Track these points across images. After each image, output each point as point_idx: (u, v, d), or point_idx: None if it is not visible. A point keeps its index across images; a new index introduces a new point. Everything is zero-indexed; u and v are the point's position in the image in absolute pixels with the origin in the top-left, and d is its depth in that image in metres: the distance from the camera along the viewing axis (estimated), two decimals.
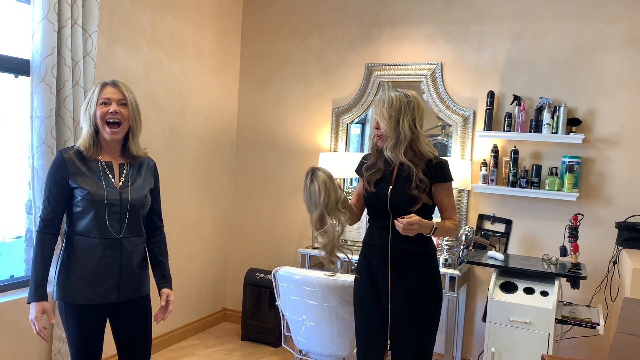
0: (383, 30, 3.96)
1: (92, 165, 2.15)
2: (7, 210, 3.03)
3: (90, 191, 2.10)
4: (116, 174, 2.19)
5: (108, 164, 2.18)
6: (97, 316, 2.18)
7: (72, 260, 2.13)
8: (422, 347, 2.35)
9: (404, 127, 2.25)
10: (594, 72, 3.39)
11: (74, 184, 2.11)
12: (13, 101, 2.95)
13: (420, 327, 2.33)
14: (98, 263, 2.13)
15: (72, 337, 2.17)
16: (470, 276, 3.71)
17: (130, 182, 2.21)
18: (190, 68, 3.96)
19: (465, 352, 3.73)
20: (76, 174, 2.11)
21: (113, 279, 2.16)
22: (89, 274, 2.13)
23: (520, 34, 3.57)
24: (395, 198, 2.31)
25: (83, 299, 2.13)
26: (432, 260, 2.39)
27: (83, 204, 2.11)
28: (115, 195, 2.15)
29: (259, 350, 3.97)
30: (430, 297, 2.36)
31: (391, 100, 2.26)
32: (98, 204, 2.11)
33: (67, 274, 2.13)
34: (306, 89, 4.24)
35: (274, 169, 4.37)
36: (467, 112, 3.68)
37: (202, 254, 4.24)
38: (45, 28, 2.67)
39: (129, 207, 2.18)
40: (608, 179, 3.37)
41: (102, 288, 2.14)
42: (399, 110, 2.25)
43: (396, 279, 2.33)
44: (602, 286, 3.30)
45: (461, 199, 3.70)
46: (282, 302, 2.88)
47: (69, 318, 2.15)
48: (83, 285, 2.12)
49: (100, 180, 2.14)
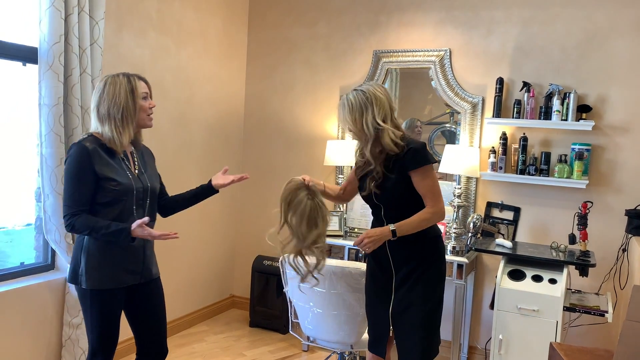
0: (391, 16, 3.92)
1: (112, 155, 2.17)
2: (17, 198, 3.05)
3: (120, 181, 2.13)
4: (131, 162, 2.24)
5: (124, 153, 2.22)
6: (119, 300, 2.22)
7: (98, 248, 2.15)
8: (423, 328, 2.34)
9: (367, 126, 2.23)
10: (605, 58, 3.35)
11: (102, 175, 2.10)
12: (21, 89, 2.96)
13: (420, 312, 2.33)
14: (125, 249, 2.17)
15: (95, 324, 2.18)
16: (478, 264, 3.71)
17: (143, 169, 2.28)
18: (197, 55, 3.95)
19: (472, 340, 3.74)
20: (102, 164, 2.12)
21: (138, 262, 2.23)
22: (117, 259, 2.17)
23: (530, 20, 3.52)
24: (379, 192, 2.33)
25: (111, 284, 2.16)
26: (432, 244, 2.38)
27: (113, 194, 2.12)
28: (138, 184, 2.20)
29: (267, 337, 4.00)
30: (431, 288, 2.35)
31: (350, 103, 2.25)
32: (128, 193, 2.15)
33: (94, 261, 2.14)
34: (313, 76, 4.22)
35: (281, 157, 4.37)
36: (476, 99, 3.65)
37: (210, 242, 4.26)
38: (52, 15, 2.66)
39: (149, 193, 2.25)
40: (618, 167, 3.34)
41: (128, 271, 2.20)
42: (360, 110, 2.23)
43: (397, 267, 2.37)
44: (611, 274, 3.28)
45: (469, 187, 3.68)
46: (289, 289, 2.89)
47: (94, 304, 2.17)
48: (111, 271, 2.16)
49: (124, 170, 2.18)
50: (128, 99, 2.14)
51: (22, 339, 2.83)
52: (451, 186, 3.61)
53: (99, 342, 2.21)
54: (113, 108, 2.12)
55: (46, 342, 2.96)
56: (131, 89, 2.15)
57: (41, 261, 3.07)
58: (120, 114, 2.13)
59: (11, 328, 2.78)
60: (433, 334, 2.38)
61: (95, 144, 2.12)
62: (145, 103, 2.20)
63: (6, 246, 3.01)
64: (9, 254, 3.00)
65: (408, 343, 2.34)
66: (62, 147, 2.76)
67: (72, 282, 2.19)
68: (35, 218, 3.07)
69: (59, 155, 2.75)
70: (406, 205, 2.31)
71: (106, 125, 2.13)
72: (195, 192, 2.46)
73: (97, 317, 2.17)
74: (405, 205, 2.31)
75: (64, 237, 2.81)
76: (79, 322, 2.95)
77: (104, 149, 2.14)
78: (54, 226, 2.80)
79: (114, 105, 2.12)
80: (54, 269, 3.08)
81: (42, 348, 2.93)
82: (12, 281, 2.85)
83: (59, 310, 3.00)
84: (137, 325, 2.35)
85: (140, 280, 2.25)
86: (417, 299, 2.33)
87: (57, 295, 2.99)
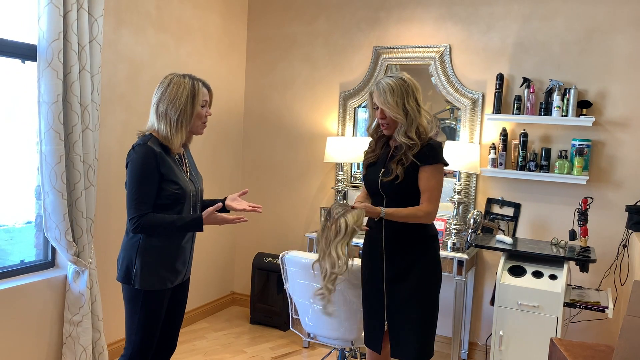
0: (391, 12, 3.91)
1: (171, 158, 2.19)
2: (17, 196, 3.05)
3: (181, 185, 2.16)
4: (184, 164, 2.27)
5: (180, 155, 2.26)
6: (166, 301, 2.26)
7: (153, 249, 2.17)
8: (419, 332, 2.36)
9: (412, 109, 2.29)
10: (605, 53, 3.34)
11: (167, 177, 2.12)
12: (21, 86, 2.95)
13: (415, 314, 2.35)
14: (178, 250, 2.23)
15: (142, 324, 2.19)
16: (479, 260, 3.71)
17: (193, 172, 2.32)
18: (197, 52, 3.94)
19: (473, 336, 3.74)
20: (166, 167, 2.14)
21: (185, 262, 2.30)
22: (170, 260, 2.21)
23: (530, 15, 3.51)
24: (385, 180, 2.35)
25: (162, 285, 2.19)
26: (429, 243, 2.40)
27: (174, 197, 2.14)
28: (191, 187, 2.24)
29: (267, 334, 4.01)
30: (425, 284, 2.37)
31: (391, 87, 2.29)
32: (187, 196, 2.19)
33: (149, 262, 2.17)
34: (313, 73, 4.21)
35: (281, 154, 4.37)
36: (476, 95, 3.64)
37: (210, 238, 4.26)
38: (51, 12, 2.65)
39: (199, 196, 2.30)
40: (618, 162, 3.34)
41: (177, 271, 2.25)
42: (401, 94, 2.28)
43: (390, 262, 2.38)
44: (611, 270, 3.28)
45: (470, 183, 3.68)
46: (290, 285, 2.89)
47: (146, 304, 2.18)
48: (165, 272, 2.20)
49: (183, 173, 2.21)
50: (187, 103, 2.15)
51: (22, 337, 2.84)
52: (451, 182, 3.61)
53: (140, 346, 2.21)
54: (172, 109, 2.14)
55: (47, 340, 2.96)
56: (193, 94, 2.16)
57: (41, 259, 3.07)
58: (176, 116, 2.14)
59: (12, 326, 2.78)
60: (429, 334, 2.39)
61: (160, 147, 2.14)
62: (202, 111, 2.22)
63: (6, 244, 3.01)
64: (9, 251, 3.00)
65: (403, 339, 2.36)
66: (61, 145, 2.75)
67: (125, 282, 2.20)
68: (35, 216, 3.06)
69: (59, 152, 2.74)
70: (410, 199, 2.34)
71: (162, 123, 2.15)
72: (208, 203, 2.41)
73: (145, 318, 2.19)
74: (409, 198, 2.34)
75: (64, 234, 2.81)
76: (80, 319, 2.96)
77: (167, 151, 2.17)
78: (54, 224, 2.80)
79: (172, 105, 2.14)
80: (54, 266, 3.09)
81: (42, 345, 2.94)
82: (12, 279, 2.85)
83: (60, 308, 3.00)
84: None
85: (182, 280, 2.30)
86: (413, 296, 2.35)
87: (57, 293, 2.99)
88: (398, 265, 2.37)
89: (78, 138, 2.83)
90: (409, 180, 2.31)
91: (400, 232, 2.35)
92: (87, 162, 2.91)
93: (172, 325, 2.40)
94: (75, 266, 2.94)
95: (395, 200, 2.35)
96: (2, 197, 2.94)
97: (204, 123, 2.24)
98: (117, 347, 3.41)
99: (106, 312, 3.26)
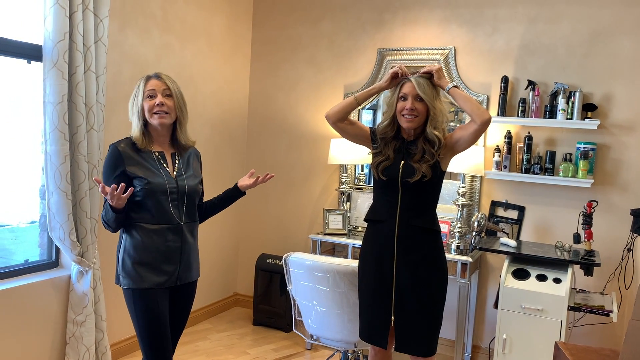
0: (396, 14, 3.91)
1: (146, 155, 2.22)
2: (22, 196, 3.05)
3: (149, 180, 2.17)
4: (169, 163, 2.28)
5: (161, 153, 2.26)
6: (163, 300, 2.24)
7: (135, 247, 2.19)
8: (429, 327, 2.36)
9: (441, 105, 2.40)
10: (611, 56, 3.33)
11: (133, 174, 2.16)
12: (26, 87, 2.96)
13: (425, 307, 2.36)
14: (161, 248, 2.21)
15: (144, 325, 2.18)
16: (482, 263, 3.69)
17: (184, 170, 2.31)
18: (201, 53, 3.94)
19: (476, 339, 3.73)
20: (133, 164, 2.17)
21: (175, 263, 2.26)
22: (154, 259, 2.20)
23: (535, 18, 3.50)
24: (410, 180, 2.35)
25: (150, 283, 2.19)
26: (438, 239, 2.43)
27: (143, 193, 2.16)
28: (173, 183, 2.23)
29: (270, 335, 4.00)
30: (435, 277, 2.39)
31: (426, 80, 2.39)
32: (158, 192, 2.19)
33: (132, 260, 2.18)
34: (317, 74, 4.21)
35: (285, 155, 4.37)
36: (480, 98, 3.63)
37: (214, 240, 4.26)
38: (57, 13, 2.66)
39: (186, 194, 2.27)
40: (624, 166, 3.33)
41: (166, 272, 2.23)
42: (435, 89, 2.40)
43: (402, 256, 2.37)
44: (615, 274, 3.26)
45: (474, 186, 3.67)
46: (293, 287, 2.89)
47: (139, 304, 2.18)
48: (149, 270, 2.19)
49: (157, 170, 2.21)
50: (135, 98, 2.23)
51: (26, 336, 2.84)
52: (455, 185, 3.60)
53: (150, 345, 2.19)
54: (129, 108, 2.25)
55: (50, 340, 2.97)
56: (138, 88, 2.24)
57: (45, 259, 3.07)
58: (130, 113, 2.24)
59: (15, 325, 2.78)
60: (437, 329, 2.41)
61: (129, 146, 2.20)
62: (150, 102, 2.21)
63: (11, 243, 3.02)
64: (13, 251, 3.01)
65: (412, 334, 2.36)
66: (66, 145, 2.76)
67: (116, 282, 2.25)
68: (40, 216, 3.07)
69: (63, 152, 2.75)
70: (429, 193, 2.40)
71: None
72: (222, 196, 2.50)
73: (145, 317, 2.18)
74: (428, 193, 2.39)
75: (68, 234, 2.82)
76: (83, 319, 2.96)
77: (137, 150, 2.21)
78: (58, 224, 2.80)
79: (130, 104, 2.25)
80: (58, 266, 3.09)
81: (46, 345, 2.94)
82: (16, 278, 2.86)
83: (63, 308, 3.01)
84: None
85: (176, 283, 2.28)
86: (424, 290, 2.36)
87: (61, 293, 2.99)
88: (410, 260, 2.37)
89: (83, 138, 2.84)
90: (434, 175, 2.36)
91: (413, 227, 2.35)
92: (92, 162, 2.92)
93: (172, 329, 2.37)
94: (79, 266, 2.94)
95: (413, 195, 2.37)
96: (6, 196, 2.95)
97: (155, 114, 2.20)
98: (120, 347, 3.41)
99: (109, 312, 3.27)
